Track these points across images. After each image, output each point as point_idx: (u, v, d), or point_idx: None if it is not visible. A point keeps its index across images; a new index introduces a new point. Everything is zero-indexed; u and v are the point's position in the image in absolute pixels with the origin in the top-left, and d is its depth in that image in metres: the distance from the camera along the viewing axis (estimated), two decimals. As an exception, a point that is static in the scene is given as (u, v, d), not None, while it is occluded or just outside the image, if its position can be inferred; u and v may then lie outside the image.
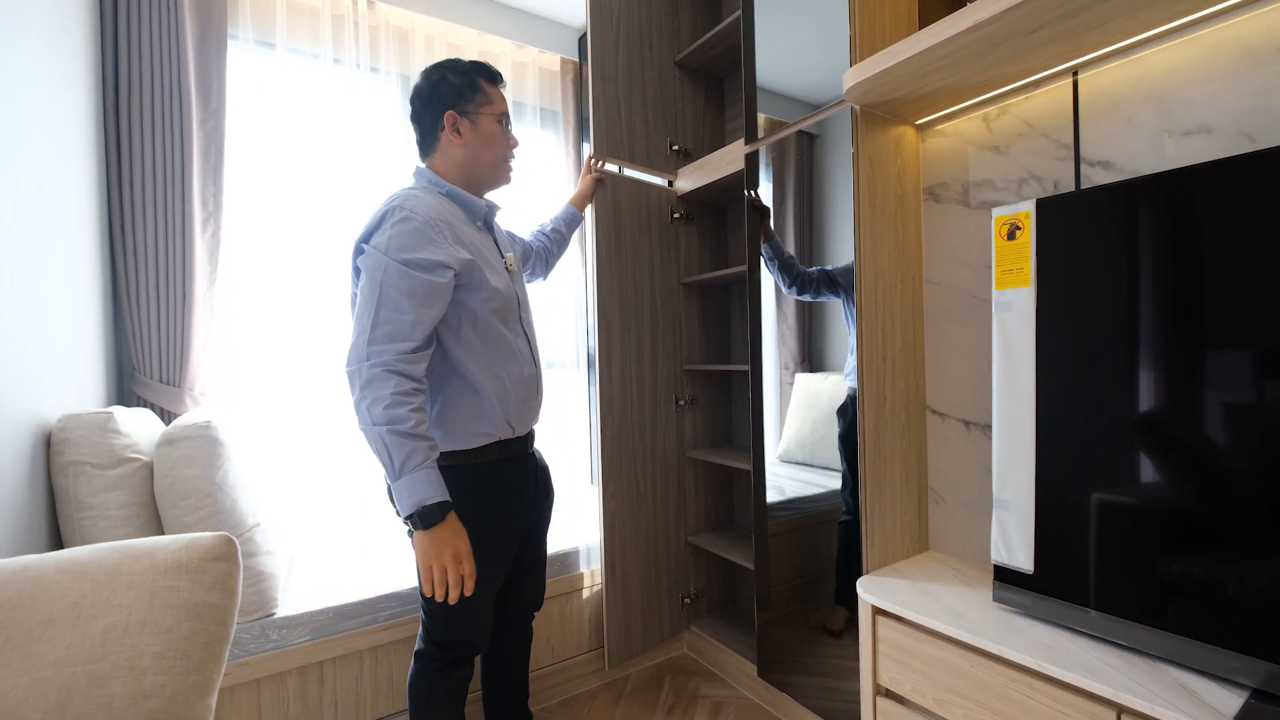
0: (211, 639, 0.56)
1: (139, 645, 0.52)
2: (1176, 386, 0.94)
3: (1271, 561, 0.85)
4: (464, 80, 1.24)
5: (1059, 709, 0.97)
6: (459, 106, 1.23)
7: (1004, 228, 1.15)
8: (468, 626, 1.20)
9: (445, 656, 1.21)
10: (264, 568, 1.38)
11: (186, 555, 0.58)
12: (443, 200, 1.21)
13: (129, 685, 0.50)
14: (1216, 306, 0.90)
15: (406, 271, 1.06)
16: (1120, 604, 1.00)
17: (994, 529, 1.16)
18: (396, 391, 1.02)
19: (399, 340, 1.04)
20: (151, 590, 0.54)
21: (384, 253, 1.07)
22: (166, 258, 1.71)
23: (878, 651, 1.28)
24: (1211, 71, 1.03)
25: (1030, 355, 1.11)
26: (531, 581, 1.42)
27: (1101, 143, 1.18)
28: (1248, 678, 0.86)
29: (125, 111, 1.65)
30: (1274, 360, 0.84)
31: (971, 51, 1.13)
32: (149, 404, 1.70)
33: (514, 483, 1.26)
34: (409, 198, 1.14)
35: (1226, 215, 0.89)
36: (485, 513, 1.18)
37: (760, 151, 1.77)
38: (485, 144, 1.25)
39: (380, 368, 1.02)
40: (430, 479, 1.03)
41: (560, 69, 2.58)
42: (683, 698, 1.77)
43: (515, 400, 1.22)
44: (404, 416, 1.01)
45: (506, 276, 1.26)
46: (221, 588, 0.58)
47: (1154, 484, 0.97)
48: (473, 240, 1.20)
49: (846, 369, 1.68)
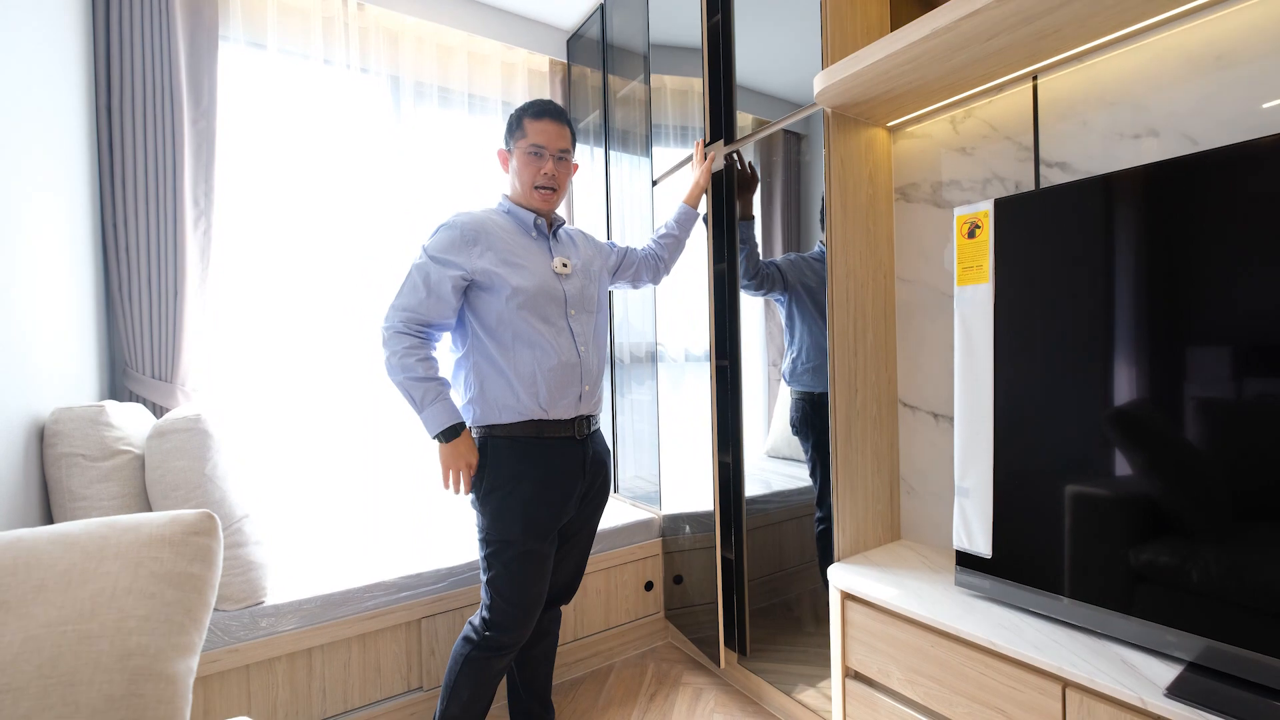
0: (193, 606, 0.60)
1: (125, 609, 0.57)
2: (1124, 377, 0.99)
3: (1192, 541, 0.90)
4: (514, 119, 1.48)
5: (1011, 685, 1.02)
6: (506, 142, 1.50)
7: (965, 226, 1.20)
8: (510, 604, 1.34)
9: (488, 639, 1.34)
10: (253, 557, 1.42)
11: (170, 529, 0.62)
12: (498, 215, 1.47)
13: (116, 644, 0.55)
14: (1159, 300, 0.95)
15: (429, 263, 1.35)
16: (1069, 586, 1.05)
17: (955, 516, 1.21)
18: (407, 347, 1.32)
19: (410, 310, 1.34)
20: (137, 560, 0.59)
21: (424, 249, 1.38)
22: (158, 255, 1.74)
23: (847, 635, 1.32)
24: (1157, 78, 1.08)
25: (989, 349, 1.16)
26: (565, 569, 1.51)
27: (1059, 145, 1.23)
28: (1183, 652, 0.91)
29: (118, 110, 1.69)
30: (1212, 350, 0.89)
31: (934, 56, 1.17)
32: (141, 399, 1.73)
33: (554, 462, 1.38)
34: (462, 213, 1.43)
35: (1163, 214, 0.94)
36: (518, 482, 1.34)
37: (752, 149, 1.81)
38: (517, 174, 1.47)
39: (392, 330, 1.34)
40: (444, 409, 1.32)
41: (549, 70, 2.62)
42: (665, 685, 1.81)
43: (545, 386, 1.37)
44: (413, 365, 1.31)
45: (550, 276, 1.43)
46: (202, 559, 0.63)
47: (1103, 471, 1.02)
48: (514, 246, 1.41)
49: (785, 370, 1.73)
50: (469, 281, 1.36)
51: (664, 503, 2.15)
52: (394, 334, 1.33)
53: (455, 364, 1.43)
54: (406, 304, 1.34)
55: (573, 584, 1.55)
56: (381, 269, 2.14)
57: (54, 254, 1.38)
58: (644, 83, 2.20)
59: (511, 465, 1.34)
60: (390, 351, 1.33)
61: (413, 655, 1.61)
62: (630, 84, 2.31)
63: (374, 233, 2.15)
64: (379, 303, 2.02)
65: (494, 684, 1.39)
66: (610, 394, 2.50)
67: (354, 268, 2.11)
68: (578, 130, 2.62)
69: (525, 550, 1.34)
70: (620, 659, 1.97)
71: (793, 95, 1.65)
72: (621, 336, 2.46)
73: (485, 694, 1.38)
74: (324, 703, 1.48)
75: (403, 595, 1.59)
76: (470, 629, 1.38)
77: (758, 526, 1.98)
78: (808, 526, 1.77)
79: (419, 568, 1.64)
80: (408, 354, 1.31)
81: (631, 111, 2.32)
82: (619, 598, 1.99)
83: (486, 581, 1.36)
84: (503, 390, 1.36)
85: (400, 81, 2.26)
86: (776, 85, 1.74)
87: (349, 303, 2.09)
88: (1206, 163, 0.90)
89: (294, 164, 2.03)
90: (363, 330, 2.11)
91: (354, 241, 2.11)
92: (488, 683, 1.37)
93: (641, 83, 2.22)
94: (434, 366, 1.35)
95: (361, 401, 2.11)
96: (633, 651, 2.01)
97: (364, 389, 2.11)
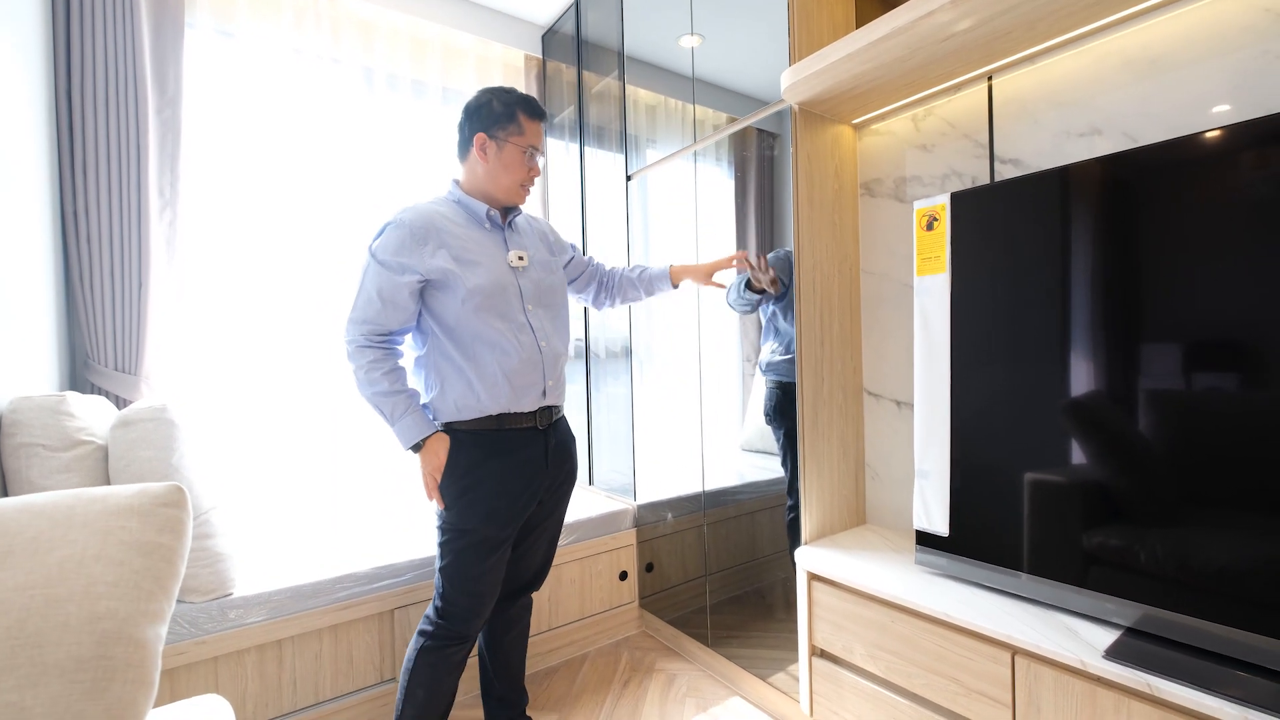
0: (161, 574, 0.61)
1: (94, 574, 0.57)
2: (1070, 363, 1.05)
3: (1124, 520, 0.96)
4: (505, 110, 1.37)
5: (965, 654, 1.07)
6: (491, 130, 1.37)
7: (924, 219, 1.25)
8: (460, 595, 1.31)
9: (439, 631, 1.31)
10: (221, 549, 1.41)
11: (138, 500, 0.62)
12: (447, 207, 1.38)
13: (84, 607, 0.55)
14: (1106, 289, 1.00)
15: (380, 271, 1.30)
16: (1020, 561, 1.10)
17: (915, 497, 1.26)
18: (370, 362, 1.30)
19: (369, 323, 1.30)
20: (105, 529, 0.59)
21: (372, 253, 1.31)
22: (122, 245, 1.71)
23: (813, 615, 1.37)
24: (1101, 80, 1.15)
25: (946, 335, 1.21)
26: (534, 557, 1.50)
27: (1012, 142, 1.29)
28: (1121, 619, 0.97)
29: (79, 97, 1.65)
30: (1157, 336, 0.95)
31: (895, 55, 1.22)
32: (103, 391, 1.69)
33: (517, 454, 1.35)
34: (408, 209, 1.34)
35: (1104, 206, 1.00)
36: (480, 473, 1.31)
37: (726, 146, 1.85)
38: (504, 169, 1.38)
39: (354, 344, 1.31)
40: (415, 422, 1.30)
41: (524, 65, 2.63)
42: (639, 671, 1.84)
43: (508, 385, 1.33)
44: (379, 380, 1.29)
45: (506, 271, 1.37)
46: (171, 530, 0.63)
47: (1052, 452, 1.08)
48: (466, 242, 1.34)
49: (762, 362, 1.78)
50: (425, 282, 1.31)
51: (639, 493, 2.18)
52: (356, 349, 1.30)
53: (415, 362, 1.39)
54: (364, 316, 1.30)
55: (543, 571, 1.55)
56: (351, 261, 2.12)
57: (11, 241, 1.35)
58: (619, 79, 2.23)
59: (473, 456, 1.32)
60: (356, 367, 1.31)
61: (385, 646, 1.60)
62: (605, 80, 2.33)
63: (344, 225, 2.13)
64: (347, 296, 2.00)
65: (450, 682, 1.34)
66: (586, 389, 2.52)
67: (323, 260, 2.09)
68: (553, 125, 2.65)
69: (483, 539, 1.31)
70: (594, 648, 1.99)
71: (764, 94, 1.69)
72: (596, 332, 2.48)
73: (442, 693, 1.33)
74: (295, 694, 1.47)
75: (375, 586, 1.59)
76: (425, 621, 1.35)
77: (734, 516, 2.02)
78: (781, 516, 1.82)
79: (391, 558, 1.64)
80: (372, 368, 1.29)
81: (606, 108, 2.34)
82: (594, 587, 2.01)
83: (440, 569, 1.33)
84: (464, 391, 1.32)
85: (373, 73, 2.24)
86: (748, 85, 1.78)
87: (318, 295, 2.07)
88: (1141, 159, 0.96)
89: (264, 155, 2.00)
90: (331, 323, 2.09)
91: (324, 233, 2.09)
92: (443, 679, 1.33)
93: (616, 79, 2.25)
94: (400, 378, 1.32)
95: (330, 394, 2.09)
96: (607, 641, 2.03)
97: (332, 382, 2.09)
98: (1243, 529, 0.86)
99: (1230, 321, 0.87)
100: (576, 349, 2.57)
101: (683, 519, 2.06)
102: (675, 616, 2.02)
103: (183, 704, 0.77)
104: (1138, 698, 0.86)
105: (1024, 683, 0.99)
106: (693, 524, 2.03)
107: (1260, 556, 0.84)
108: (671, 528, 2.09)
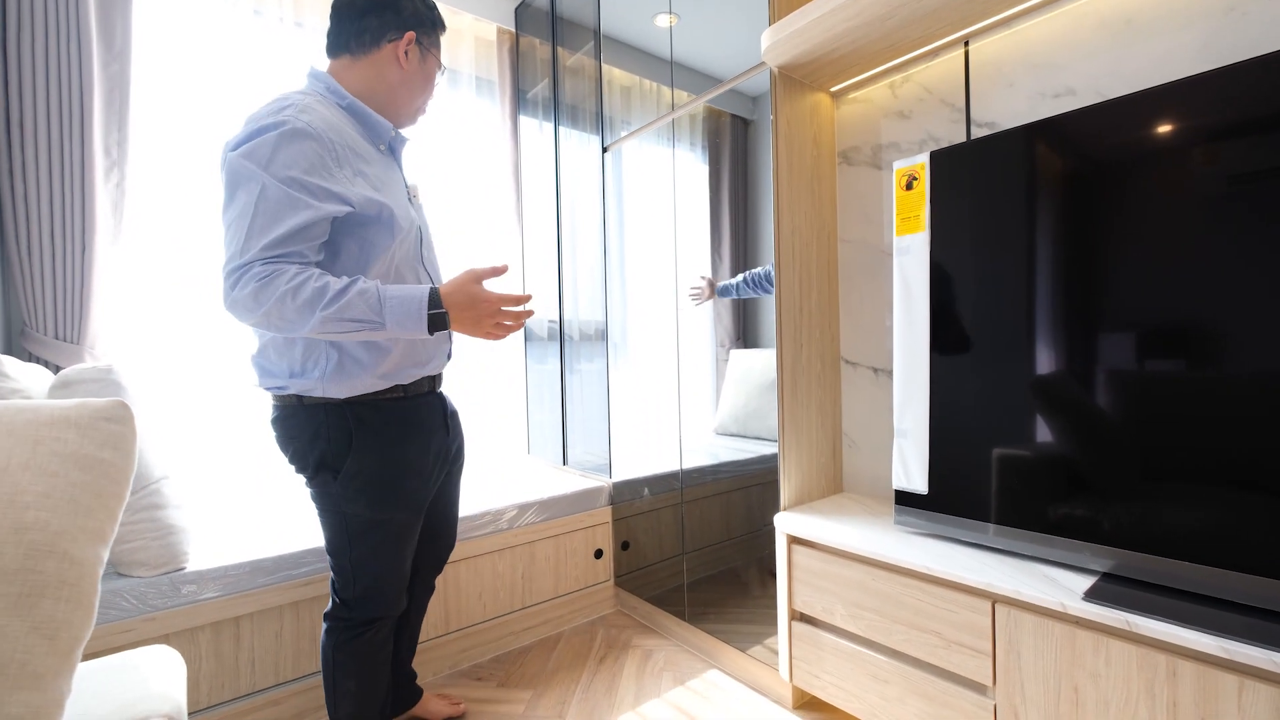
0: (103, 492, 0.55)
1: (20, 483, 0.50)
2: (1046, 319, 1.06)
3: (1109, 469, 0.97)
4: (432, 15, 1.20)
5: (946, 607, 1.07)
6: (422, 32, 1.16)
7: (903, 179, 1.25)
8: (379, 583, 1.15)
9: (353, 617, 1.16)
10: (172, 520, 1.32)
11: (76, 413, 0.56)
12: (339, 114, 1.09)
13: (8, 516, 0.49)
14: (1079, 245, 1.02)
15: (288, 193, 0.94)
16: (998, 514, 1.11)
17: (894, 456, 1.26)
18: (295, 274, 0.93)
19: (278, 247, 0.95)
20: (36, 438, 0.53)
21: (264, 168, 0.94)
22: (64, 207, 1.60)
23: (793, 578, 1.36)
24: (1075, 41, 1.16)
25: (925, 294, 1.21)
26: (444, 533, 1.38)
27: (988, 105, 1.30)
28: (1097, 565, 0.98)
29: (14, 48, 1.54)
30: (1127, 293, 0.97)
31: (875, 14, 1.22)
32: (43, 361, 1.58)
33: (422, 423, 1.18)
34: (304, 109, 0.99)
35: (1074, 159, 1.01)
36: (394, 452, 1.13)
37: (701, 131, 1.83)
38: (423, 82, 1.20)
39: (262, 264, 0.93)
40: (401, 299, 0.98)
41: (497, 38, 2.57)
42: (615, 648, 1.81)
43: (422, 346, 1.16)
44: (324, 288, 0.94)
45: (408, 207, 1.16)
46: (115, 447, 0.56)
47: (1030, 405, 1.09)
48: (377, 167, 1.11)
49: None
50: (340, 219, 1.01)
51: (614, 470, 2.15)
52: (270, 268, 0.93)
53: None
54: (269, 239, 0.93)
55: (446, 553, 1.41)
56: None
57: (-63, 189, 1.24)
58: (594, 57, 2.19)
59: (382, 433, 1.11)
60: (280, 294, 0.91)
61: (352, 625, 1.54)
62: (578, 55, 2.29)
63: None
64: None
65: (380, 662, 1.19)
66: (560, 371, 2.47)
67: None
68: (526, 100, 2.59)
69: (401, 523, 1.15)
70: (570, 626, 1.95)
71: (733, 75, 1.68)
72: (570, 314, 2.44)
73: (375, 677, 1.18)
74: (253, 674, 1.40)
75: (341, 563, 1.52)
76: (331, 621, 1.17)
77: (711, 495, 2.01)
78: (756, 495, 1.81)
79: (358, 535, 1.57)
80: (303, 280, 0.93)
81: (581, 84, 2.30)
82: (568, 565, 1.97)
83: (350, 563, 1.13)
84: (373, 358, 1.08)
85: (339, 39, 2.15)
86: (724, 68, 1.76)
87: (282, 266, 1.98)
88: (1108, 110, 0.97)
89: (220, 118, 1.90)
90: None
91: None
92: (371, 660, 1.17)
93: (590, 57, 2.21)
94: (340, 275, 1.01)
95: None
96: (582, 619, 1.99)
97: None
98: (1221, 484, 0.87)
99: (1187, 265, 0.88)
100: (550, 330, 2.53)
101: (660, 496, 2.03)
102: (652, 594, 1.99)
103: (130, 653, 0.70)
104: (1116, 636, 0.87)
105: (1004, 630, 0.99)
106: (670, 502, 2.00)
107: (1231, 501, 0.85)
108: (648, 505, 2.06)
